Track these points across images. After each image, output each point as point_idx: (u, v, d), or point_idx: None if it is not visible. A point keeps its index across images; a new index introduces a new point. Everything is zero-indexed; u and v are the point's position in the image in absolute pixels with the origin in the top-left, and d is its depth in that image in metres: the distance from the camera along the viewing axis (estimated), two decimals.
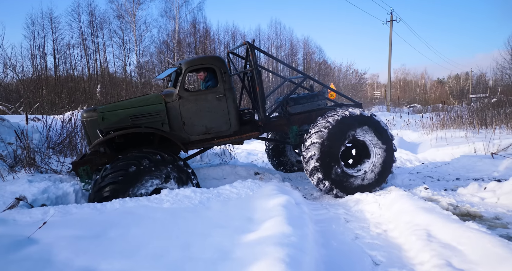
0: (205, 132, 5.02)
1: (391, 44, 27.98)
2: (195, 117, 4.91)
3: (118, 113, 4.68)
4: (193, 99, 4.90)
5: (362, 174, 5.19)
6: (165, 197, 4.15)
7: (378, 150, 5.25)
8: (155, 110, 4.78)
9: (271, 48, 37.68)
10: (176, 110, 4.84)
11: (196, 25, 29.36)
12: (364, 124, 5.12)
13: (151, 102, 4.81)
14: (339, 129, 4.98)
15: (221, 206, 4.11)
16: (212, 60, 5.04)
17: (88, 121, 4.66)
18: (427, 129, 12.49)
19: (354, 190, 5.09)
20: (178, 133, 4.90)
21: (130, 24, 26.78)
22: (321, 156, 4.90)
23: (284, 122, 5.59)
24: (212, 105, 4.96)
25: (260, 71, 5.39)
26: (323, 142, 4.91)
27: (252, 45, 5.25)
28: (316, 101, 5.83)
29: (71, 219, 3.25)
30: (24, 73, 24.70)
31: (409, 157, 8.66)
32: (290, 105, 5.65)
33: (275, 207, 3.78)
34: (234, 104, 5.09)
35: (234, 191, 4.67)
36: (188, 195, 4.29)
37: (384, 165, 5.25)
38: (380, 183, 5.26)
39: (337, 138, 4.98)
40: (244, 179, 5.68)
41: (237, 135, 5.18)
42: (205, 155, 7.26)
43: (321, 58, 39.97)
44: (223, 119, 5.04)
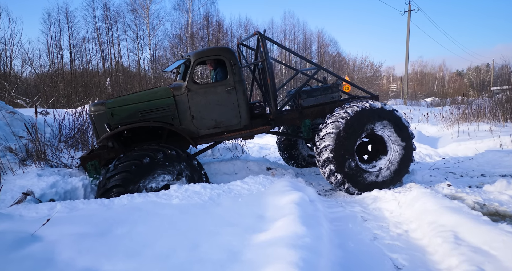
0: (215, 126, 4.87)
1: (408, 35, 27.07)
2: (204, 110, 4.77)
3: (128, 109, 4.59)
4: (202, 92, 4.75)
5: (377, 171, 4.93)
6: (174, 192, 4.02)
7: (397, 146, 4.98)
8: (165, 105, 4.66)
9: (284, 41, 37.16)
10: (185, 104, 4.71)
11: (209, 18, 29.21)
12: (384, 118, 4.85)
13: (159, 96, 4.69)
14: (357, 121, 4.74)
15: (232, 202, 3.95)
16: (222, 51, 4.87)
17: (96, 115, 4.57)
18: (447, 122, 12.00)
19: (367, 186, 4.86)
20: (188, 128, 4.78)
21: (144, 18, 26.85)
22: (336, 147, 4.67)
23: (296, 116, 5.38)
24: (221, 98, 4.80)
25: (271, 63, 5.17)
26: (339, 133, 4.67)
27: (262, 35, 5.02)
28: (329, 94, 5.55)
29: (77, 215, 3.15)
30: (42, 68, 25.18)
31: (428, 152, 8.30)
32: (303, 98, 5.42)
33: (287, 205, 3.59)
34: (244, 97, 4.91)
35: (246, 187, 4.51)
36: (198, 191, 4.15)
37: (401, 163, 4.99)
38: (395, 182, 5.00)
39: (354, 130, 4.74)
40: (256, 174, 5.51)
41: (248, 129, 5.01)
42: (216, 149, 7.12)
43: (335, 51, 39.26)
44: (233, 113, 4.89)
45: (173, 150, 4.33)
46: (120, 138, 4.76)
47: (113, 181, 4.01)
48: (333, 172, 4.75)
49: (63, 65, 25.15)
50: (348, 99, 5.87)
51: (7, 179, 4.16)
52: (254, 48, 5.54)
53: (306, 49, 37.89)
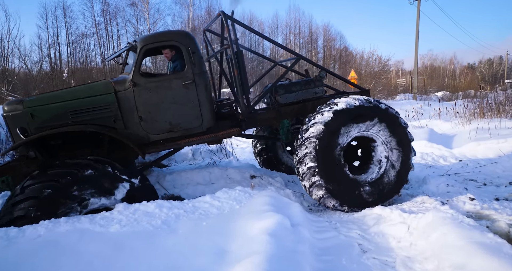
0: (170, 129, 3.94)
1: (418, 25, 25.68)
2: (155, 110, 3.85)
3: (53, 108, 3.62)
4: (152, 87, 3.81)
5: (368, 182, 4.01)
6: (117, 215, 3.14)
7: (392, 152, 4.06)
8: (104, 103, 3.72)
9: (289, 35, 36.11)
10: (130, 102, 3.78)
11: (211, 12, 28.28)
12: (376, 118, 3.94)
13: (97, 92, 3.76)
14: (343, 122, 3.84)
15: (192, 228, 3.06)
16: (177, 36, 3.95)
17: (10, 117, 3.59)
18: (462, 118, 10.89)
19: (356, 203, 3.95)
20: (135, 132, 3.84)
21: (144, 12, 26.02)
22: (318, 155, 3.77)
23: (272, 115, 4.47)
24: (178, 95, 3.88)
25: (241, 52, 4.21)
26: (322, 138, 3.77)
27: (227, 17, 4.07)
28: (312, 89, 4.59)
29: None
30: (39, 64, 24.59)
31: (442, 153, 7.28)
32: (280, 94, 4.46)
33: (259, 236, 2.69)
34: (207, 94, 4.01)
35: (216, 204, 3.61)
36: (150, 212, 3.26)
37: (397, 172, 4.07)
38: (390, 196, 4.07)
39: (339, 134, 3.85)
40: (237, 183, 4.62)
41: (212, 133, 4.10)
42: (198, 152, 6.24)
43: (342, 45, 38.01)
44: (192, 113, 3.97)
45: (107, 165, 3.39)
46: (46, 146, 3.78)
47: (18, 211, 3.03)
48: (316, 185, 3.84)
49: (61, 61, 24.54)
50: (335, 95, 4.93)
51: None
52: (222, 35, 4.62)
53: (312, 44, 36.80)
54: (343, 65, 34.63)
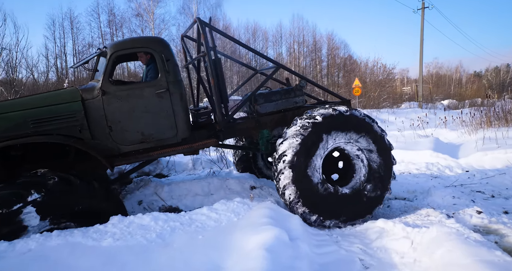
0: (142, 140, 3.76)
1: (422, 33, 25.65)
2: (126, 120, 3.67)
3: (12, 117, 3.38)
4: (123, 95, 3.64)
5: (348, 194, 3.86)
6: (111, 227, 3.06)
7: (371, 162, 3.91)
8: (69, 111, 3.51)
9: (293, 44, 36.29)
10: (99, 111, 3.60)
11: (216, 22, 28.55)
12: (352, 128, 3.79)
13: (61, 99, 3.56)
14: (318, 135, 3.69)
15: (187, 241, 2.97)
16: (149, 42, 3.80)
17: None
18: (468, 127, 10.71)
19: (337, 216, 3.79)
20: (103, 142, 3.65)
21: (149, 22, 26.38)
22: (295, 170, 3.62)
23: (251, 125, 4.33)
24: (150, 104, 3.72)
25: (218, 59, 4.08)
26: (298, 152, 3.62)
27: (203, 23, 3.95)
28: (292, 98, 4.47)
29: None
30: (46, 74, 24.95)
31: (448, 163, 7.12)
32: (259, 104, 4.34)
33: (256, 251, 2.58)
34: (182, 103, 3.85)
35: (213, 216, 3.52)
36: (145, 225, 3.19)
37: (379, 182, 3.91)
38: (373, 207, 3.90)
39: (316, 146, 3.70)
40: (236, 194, 4.53)
41: (187, 143, 3.92)
42: (198, 162, 6.17)
43: (346, 54, 38.07)
44: (166, 123, 3.80)
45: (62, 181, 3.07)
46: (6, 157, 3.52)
47: None
48: (295, 202, 3.67)
49: (67, 71, 24.85)
50: (315, 105, 4.81)
51: None
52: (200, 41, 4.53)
53: (316, 52, 36.90)
54: (347, 74, 34.62)
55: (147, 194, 4.37)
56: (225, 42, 24.60)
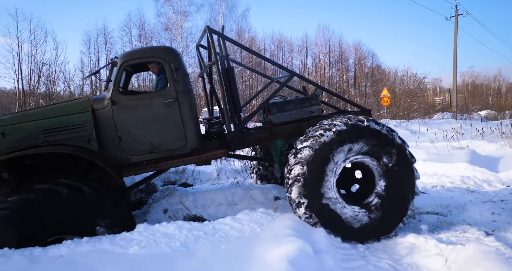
0: (151, 150, 3.72)
1: (456, 42, 24.71)
2: (136, 130, 3.65)
3: (26, 127, 3.45)
4: (132, 105, 3.64)
5: (365, 210, 3.62)
6: (137, 235, 3.14)
7: (391, 176, 3.64)
8: (78, 122, 3.53)
9: (319, 54, 36.19)
10: (109, 121, 3.59)
11: (241, 34, 29.11)
12: (369, 140, 3.56)
13: (73, 110, 3.59)
14: (333, 146, 3.50)
15: (210, 251, 2.97)
16: (159, 52, 3.80)
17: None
18: (509, 139, 10.07)
19: (352, 234, 3.56)
20: (113, 153, 3.64)
21: (177, 36, 27.33)
22: (309, 183, 3.46)
23: (264, 135, 4.19)
24: (159, 114, 3.69)
25: (231, 68, 4.01)
26: (311, 164, 3.46)
27: (212, 31, 3.90)
28: (307, 108, 4.30)
29: None
30: (81, 87, 26.40)
31: (486, 177, 6.69)
32: (273, 113, 4.20)
33: (279, 263, 2.54)
34: (191, 113, 3.81)
35: (236, 226, 3.51)
36: (170, 233, 3.23)
37: (400, 199, 3.63)
38: (393, 226, 3.63)
39: (330, 159, 3.52)
40: (260, 204, 4.50)
41: (197, 154, 3.85)
42: (222, 172, 6.21)
43: (374, 63, 37.44)
44: (175, 133, 3.75)
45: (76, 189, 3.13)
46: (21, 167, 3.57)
47: None
48: (308, 216, 3.50)
49: (101, 84, 26.16)
50: (333, 114, 4.62)
51: None
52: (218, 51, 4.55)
53: (342, 62, 36.56)
54: (375, 84, 33.91)
55: (172, 202, 4.44)
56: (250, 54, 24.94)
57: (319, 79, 33.52)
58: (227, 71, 4.05)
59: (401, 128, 15.11)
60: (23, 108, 21.19)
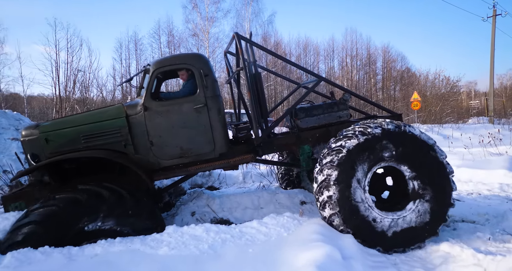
0: (181, 155, 3.81)
1: (493, 44, 23.44)
2: (166, 135, 3.75)
3: (66, 133, 3.63)
4: (163, 111, 3.75)
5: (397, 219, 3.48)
6: (167, 237, 3.21)
7: (425, 185, 3.47)
8: (114, 127, 3.68)
9: (345, 58, 35.72)
10: (142, 127, 3.71)
11: (267, 38, 29.28)
12: (405, 145, 3.43)
13: (108, 116, 3.74)
14: (365, 149, 3.40)
15: (237, 254, 2.99)
16: (189, 59, 3.89)
17: (26, 142, 3.60)
18: None
19: (381, 243, 3.41)
20: (145, 157, 3.75)
21: (204, 41, 27.94)
22: (339, 187, 3.35)
23: (292, 141, 4.19)
24: (189, 119, 3.78)
25: (258, 73, 4.03)
26: (342, 167, 3.36)
27: (241, 38, 3.94)
28: (335, 113, 4.26)
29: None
30: (113, 92, 27.59)
31: None
32: (300, 118, 4.18)
33: (306, 268, 2.53)
34: (220, 118, 3.87)
35: (263, 230, 3.51)
36: (198, 235, 3.28)
37: (433, 209, 3.45)
38: (425, 236, 3.45)
39: (361, 162, 3.41)
40: (286, 209, 4.49)
41: (225, 159, 3.91)
42: (248, 176, 6.24)
43: (403, 66, 36.42)
44: (204, 138, 3.82)
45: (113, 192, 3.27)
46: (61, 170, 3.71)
47: (19, 235, 2.99)
48: (334, 220, 3.42)
49: (131, 90, 27.17)
50: (361, 119, 4.50)
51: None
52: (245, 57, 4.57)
53: (370, 65, 35.84)
54: (404, 87, 32.93)
55: (199, 205, 4.51)
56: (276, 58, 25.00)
57: (346, 83, 33.01)
58: (255, 77, 4.09)
59: (433, 133, 14.52)
60: (59, 113, 22.42)
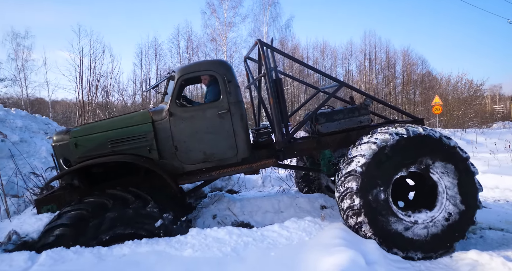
0: (204, 160, 3.89)
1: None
2: (190, 140, 3.84)
3: (95, 138, 3.75)
4: (187, 116, 3.84)
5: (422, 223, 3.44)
6: (191, 239, 3.28)
7: (451, 189, 3.45)
8: (140, 132, 3.77)
9: (364, 61, 35.28)
10: (167, 132, 3.80)
11: (284, 42, 29.34)
12: (429, 150, 3.42)
13: (135, 122, 3.84)
14: (389, 155, 3.40)
15: (260, 257, 3.02)
16: (213, 65, 3.97)
17: (57, 147, 3.74)
18: None
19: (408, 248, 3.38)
20: (170, 162, 3.84)
21: (222, 46, 28.28)
22: (361, 192, 3.36)
23: (312, 145, 4.21)
24: (212, 125, 3.86)
25: (279, 79, 4.09)
26: (365, 173, 3.37)
27: (264, 44, 3.99)
28: (356, 117, 4.26)
29: (61, 270, 2.60)
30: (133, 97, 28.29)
31: None
32: (321, 123, 4.22)
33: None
34: (242, 123, 3.94)
35: (284, 233, 3.52)
36: (220, 238, 3.33)
37: (460, 213, 3.42)
38: (453, 241, 3.41)
39: (385, 168, 3.40)
40: (306, 213, 4.49)
41: (247, 163, 3.97)
42: (267, 180, 6.26)
43: (424, 69, 35.61)
44: (227, 143, 3.90)
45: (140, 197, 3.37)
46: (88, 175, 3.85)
47: (50, 237, 3.11)
48: (359, 226, 3.39)
49: (150, 94, 27.77)
50: (382, 124, 4.49)
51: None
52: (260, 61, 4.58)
53: (389, 69, 35.25)
54: (425, 91, 32.20)
55: (220, 208, 4.56)
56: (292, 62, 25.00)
57: (364, 87, 32.60)
58: (276, 82, 4.15)
59: (455, 137, 14.13)
60: (82, 117, 23.15)
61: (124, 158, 3.64)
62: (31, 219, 3.34)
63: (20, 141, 5.33)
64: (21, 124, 5.73)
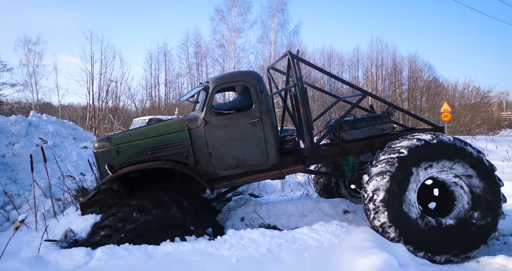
0: (237, 165, 4.10)
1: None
2: (224, 147, 4.05)
3: (135, 145, 3.97)
4: (221, 125, 4.05)
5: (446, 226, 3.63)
6: (229, 238, 3.46)
7: (471, 188, 3.65)
8: (178, 140, 3.99)
9: (370, 67, 35.50)
10: (202, 139, 4.02)
11: (292, 48, 29.61)
12: (442, 155, 3.62)
13: (172, 129, 4.05)
14: (415, 161, 3.60)
15: (295, 258, 3.18)
16: (246, 76, 4.18)
17: (99, 153, 3.96)
18: None
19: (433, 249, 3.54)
20: (204, 167, 4.05)
21: (230, 52, 28.60)
22: (389, 195, 3.53)
23: (337, 152, 4.42)
24: (245, 132, 4.07)
25: (305, 89, 4.31)
26: (394, 175, 3.55)
27: (294, 56, 4.22)
28: (379, 125, 4.45)
29: (115, 265, 2.82)
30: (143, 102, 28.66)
31: None
32: (345, 131, 4.43)
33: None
34: (272, 131, 4.14)
35: (314, 236, 3.68)
36: (255, 239, 3.50)
37: (483, 219, 3.60)
38: (482, 239, 3.59)
39: (411, 172, 3.60)
40: (329, 217, 4.63)
41: (277, 169, 4.18)
42: (286, 184, 6.42)
43: (430, 76, 35.71)
44: (258, 150, 4.11)
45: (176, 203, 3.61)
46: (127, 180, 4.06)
47: (97, 236, 3.37)
48: (386, 227, 3.56)
49: (159, 99, 28.18)
50: (403, 132, 4.68)
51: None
52: (285, 72, 4.79)
53: (395, 75, 35.41)
54: (431, 97, 32.29)
55: (247, 211, 4.73)
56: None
57: None
58: (303, 92, 4.35)
59: None
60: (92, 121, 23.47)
61: (165, 164, 3.84)
62: (78, 219, 3.56)
63: (53, 145, 5.55)
64: (52, 130, 5.96)
